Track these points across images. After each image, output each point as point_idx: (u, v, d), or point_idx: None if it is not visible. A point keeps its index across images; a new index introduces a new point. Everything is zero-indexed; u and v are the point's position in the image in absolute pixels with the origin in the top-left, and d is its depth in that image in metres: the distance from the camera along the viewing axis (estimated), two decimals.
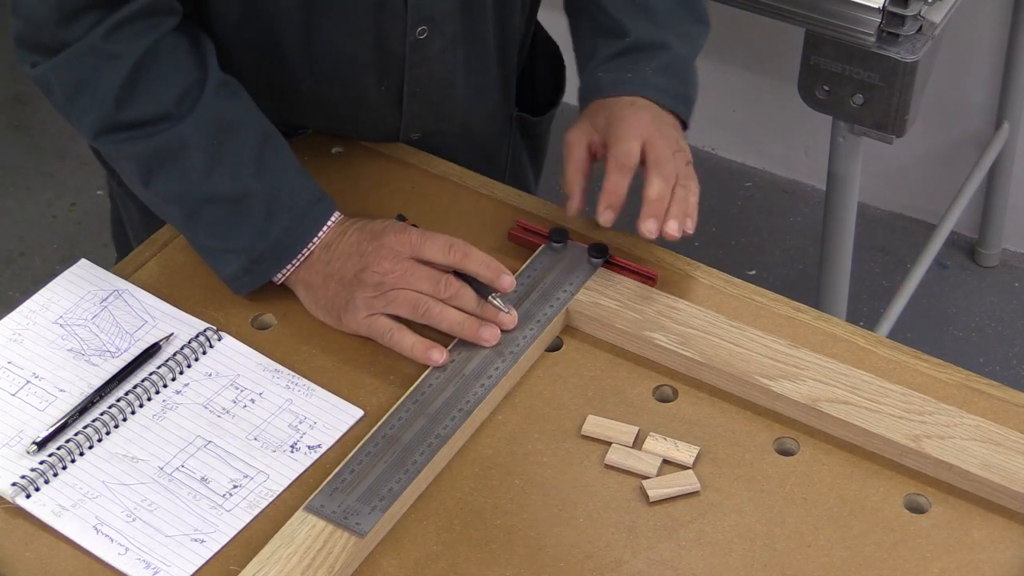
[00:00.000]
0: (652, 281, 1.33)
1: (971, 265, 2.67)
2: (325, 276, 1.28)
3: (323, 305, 1.29)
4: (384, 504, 1.15)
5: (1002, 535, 1.15)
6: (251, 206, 1.29)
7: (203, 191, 1.29)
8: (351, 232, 1.30)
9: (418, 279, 1.26)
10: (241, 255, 1.29)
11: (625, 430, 1.22)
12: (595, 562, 1.13)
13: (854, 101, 1.83)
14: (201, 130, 1.27)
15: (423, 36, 1.38)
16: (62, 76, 1.27)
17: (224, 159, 1.28)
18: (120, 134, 1.28)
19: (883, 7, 1.75)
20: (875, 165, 2.54)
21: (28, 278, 2.67)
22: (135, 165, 1.29)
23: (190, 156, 1.27)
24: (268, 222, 1.29)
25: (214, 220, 1.30)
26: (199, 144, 1.27)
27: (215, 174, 1.28)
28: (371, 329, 1.27)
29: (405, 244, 1.27)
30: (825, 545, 1.14)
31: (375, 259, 1.27)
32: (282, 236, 1.29)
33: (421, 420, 1.21)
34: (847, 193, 1.99)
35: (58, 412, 1.23)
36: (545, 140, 1.66)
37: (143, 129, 1.27)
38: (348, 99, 1.42)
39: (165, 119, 1.27)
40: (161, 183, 1.29)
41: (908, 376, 1.26)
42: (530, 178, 1.67)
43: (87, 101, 1.27)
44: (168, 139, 1.27)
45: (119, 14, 1.24)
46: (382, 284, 1.26)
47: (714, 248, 2.70)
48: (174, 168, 1.28)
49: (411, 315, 1.26)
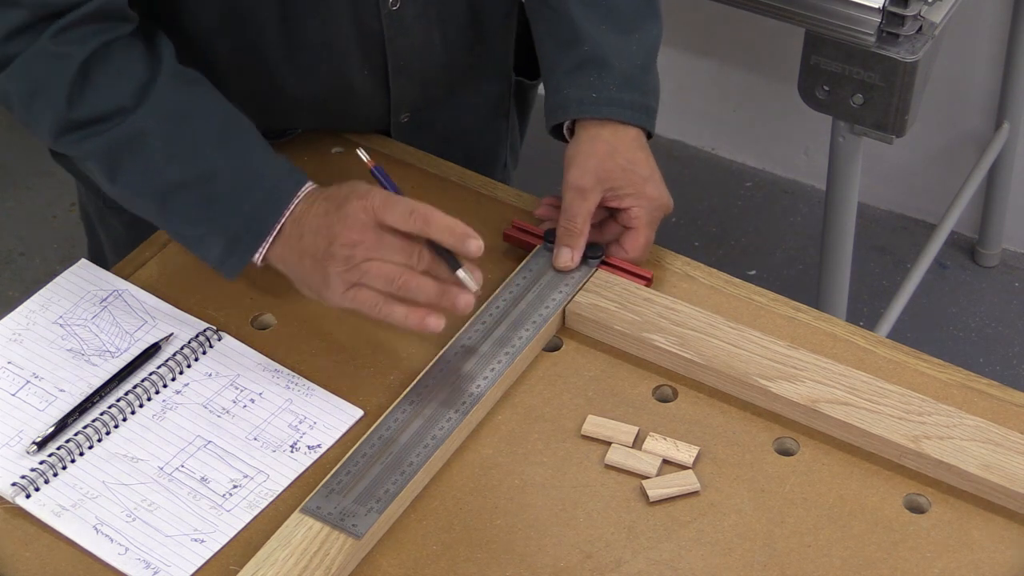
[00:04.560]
0: (647, 281, 1.33)
1: (971, 265, 2.67)
2: (299, 253, 1.24)
3: (304, 283, 1.25)
4: (381, 506, 1.15)
5: (1002, 535, 1.15)
6: (218, 185, 1.25)
7: (168, 178, 1.25)
8: (318, 203, 1.25)
9: (389, 250, 1.21)
10: (219, 237, 1.26)
11: (625, 430, 1.22)
12: (595, 562, 1.13)
13: (854, 101, 1.83)
14: (158, 118, 1.25)
15: (396, 7, 1.38)
16: (16, 84, 1.25)
17: (184, 143, 1.26)
18: (76, 133, 1.26)
19: (883, 7, 1.75)
20: (875, 165, 2.54)
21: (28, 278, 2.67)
22: (98, 163, 1.27)
23: (149, 144, 1.25)
24: (238, 199, 1.25)
25: (185, 206, 1.26)
26: (157, 132, 1.25)
27: (177, 159, 1.25)
28: (356, 303, 1.22)
29: (367, 211, 1.21)
30: (825, 545, 1.14)
31: (341, 230, 1.21)
32: (254, 211, 1.25)
33: (417, 421, 1.21)
34: (847, 193, 1.99)
35: (58, 412, 1.23)
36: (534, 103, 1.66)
37: (98, 126, 1.25)
38: (334, 90, 1.42)
39: (119, 113, 1.25)
40: (126, 177, 1.27)
41: (908, 376, 1.26)
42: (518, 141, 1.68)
43: (42, 104, 1.25)
44: (125, 131, 1.24)
45: (65, 19, 1.23)
46: (352, 257, 1.21)
47: (714, 248, 2.70)
48: (136, 159, 1.25)
49: (386, 287, 1.21)
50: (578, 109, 1.36)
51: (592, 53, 1.36)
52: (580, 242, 1.32)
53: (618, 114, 1.35)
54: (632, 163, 1.34)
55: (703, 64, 2.78)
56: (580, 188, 1.32)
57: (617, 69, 1.36)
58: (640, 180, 1.33)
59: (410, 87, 1.46)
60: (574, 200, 1.32)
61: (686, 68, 2.76)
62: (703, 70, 2.78)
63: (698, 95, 2.81)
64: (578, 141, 1.35)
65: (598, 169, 1.32)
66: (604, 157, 1.33)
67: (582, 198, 1.32)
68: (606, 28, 1.37)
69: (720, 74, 2.78)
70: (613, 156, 1.33)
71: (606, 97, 1.35)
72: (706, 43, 2.73)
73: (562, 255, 1.33)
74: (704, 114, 2.85)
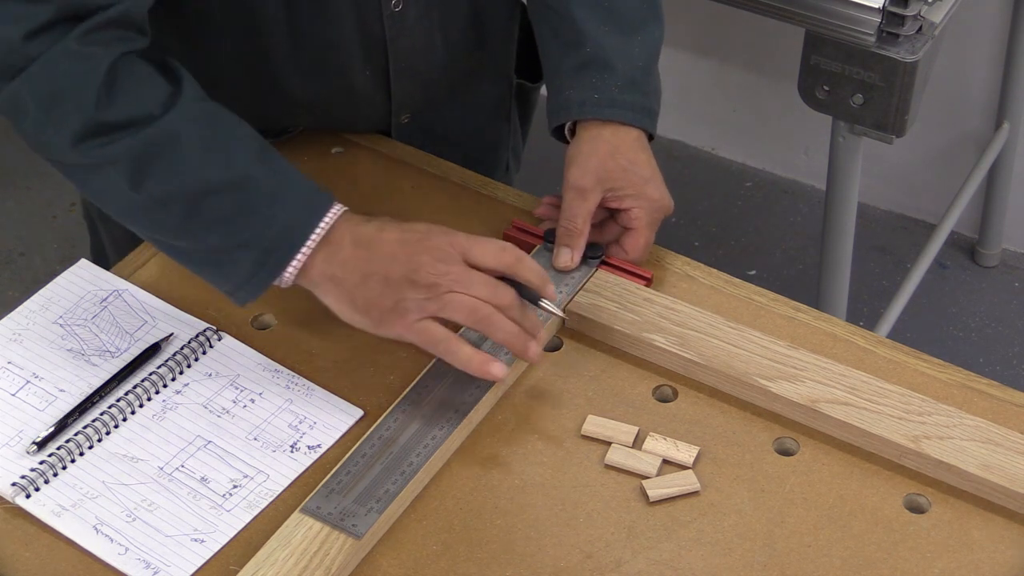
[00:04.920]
0: (647, 281, 1.33)
1: (971, 265, 2.67)
2: (364, 274, 1.21)
3: (360, 305, 1.22)
4: (380, 506, 1.15)
5: (1002, 535, 1.15)
6: (254, 191, 1.21)
7: (201, 182, 1.20)
8: (388, 231, 1.22)
9: (475, 283, 1.20)
10: (251, 248, 1.21)
11: (625, 430, 1.22)
12: (595, 562, 1.13)
13: (854, 101, 1.83)
14: (191, 120, 1.21)
15: (399, 8, 1.38)
16: (35, 87, 1.19)
17: (218, 147, 1.22)
18: (103, 137, 1.20)
19: (883, 7, 1.75)
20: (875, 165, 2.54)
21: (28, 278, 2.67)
22: (123, 168, 1.21)
23: (183, 146, 1.20)
24: (274, 206, 1.21)
25: (217, 213, 1.21)
26: (191, 133, 1.20)
27: (212, 162, 1.21)
28: (422, 335, 1.21)
29: (454, 246, 1.21)
30: (825, 545, 1.14)
31: (428, 259, 1.19)
32: (291, 221, 1.21)
33: (417, 422, 1.21)
34: (847, 193, 1.99)
35: (58, 412, 1.23)
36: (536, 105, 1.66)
37: (128, 129, 1.20)
38: (335, 90, 1.42)
39: (149, 118, 1.20)
40: (154, 182, 1.20)
41: (908, 376, 1.26)
42: (521, 144, 1.68)
43: (66, 106, 1.19)
44: (157, 132, 1.20)
45: (90, 22, 1.19)
46: (437, 286, 1.19)
47: (714, 248, 2.70)
48: (167, 162, 1.20)
49: (466, 320, 1.20)
50: (580, 110, 1.36)
51: (594, 54, 1.36)
52: (580, 242, 1.33)
53: (620, 115, 1.35)
54: (633, 164, 1.34)
55: (703, 64, 2.78)
56: (580, 188, 1.32)
57: (619, 70, 1.36)
58: (641, 181, 1.33)
59: (411, 88, 1.46)
60: (574, 200, 1.32)
61: (686, 68, 2.76)
62: (703, 70, 2.78)
63: (698, 95, 2.81)
64: (579, 141, 1.35)
65: (599, 169, 1.32)
66: (605, 157, 1.33)
67: (582, 198, 1.32)
68: (609, 30, 1.37)
69: (720, 74, 2.78)
70: (614, 156, 1.33)
71: (608, 98, 1.35)
72: (706, 43, 2.73)
73: (562, 255, 1.33)
74: (704, 114, 2.85)
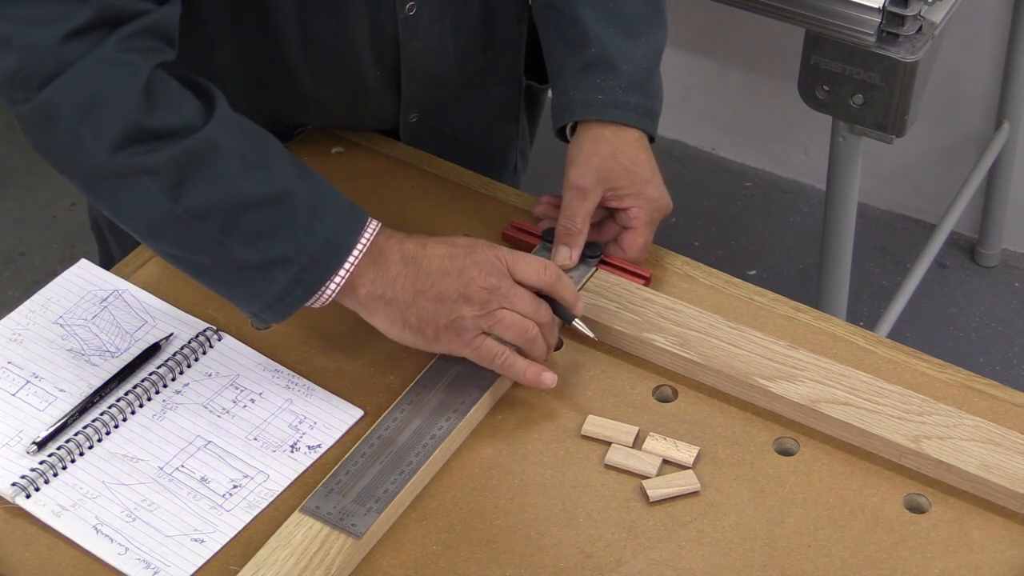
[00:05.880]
0: (646, 281, 1.33)
1: (971, 265, 2.67)
2: (415, 292, 1.20)
3: (413, 324, 1.21)
4: (380, 505, 1.15)
5: (1002, 535, 1.15)
6: (294, 206, 1.19)
7: (241, 195, 1.18)
8: (434, 244, 1.22)
9: (522, 300, 1.21)
10: (290, 264, 1.19)
11: (625, 430, 1.22)
12: (595, 562, 1.13)
13: (854, 101, 1.83)
14: (229, 133, 1.19)
15: (412, 12, 1.38)
16: (72, 92, 1.16)
17: (258, 159, 1.20)
18: (145, 144, 1.16)
19: (883, 7, 1.75)
20: (875, 165, 2.54)
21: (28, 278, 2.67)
22: (163, 178, 1.17)
23: (223, 158, 1.18)
24: (314, 221, 1.19)
25: (255, 227, 1.18)
26: (230, 146, 1.18)
27: (252, 175, 1.19)
28: (480, 352, 1.21)
29: (502, 260, 1.22)
30: (825, 545, 1.14)
31: (479, 274, 1.20)
32: (331, 236, 1.19)
33: (416, 421, 1.21)
34: (847, 193, 1.99)
35: (58, 412, 1.23)
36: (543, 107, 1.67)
37: (168, 139, 1.17)
38: (347, 89, 1.43)
39: (190, 128, 1.18)
40: (194, 193, 1.17)
41: (908, 376, 1.26)
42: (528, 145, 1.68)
43: (106, 112, 1.16)
44: (198, 143, 1.17)
45: (127, 28, 1.17)
46: (489, 302, 1.20)
47: (714, 248, 2.70)
48: (207, 173, 1.17)
49: (515, 339, 1.21)
50: (584, 111, 1.36)
51: (599, 55, 1.36)
52: (579, 241, 1.33)
53: (623, 117, 1.35)
54: (634, 164, 1.34)
55: (703, 64, 2.78)
56: (581, 187, 1.32)
57: (624, 72, 1.36)
58: (641, 181, 1.33)
59: (421, 89, 1.46)
60: (574, 199, 1.32)
61: (686, 68, 2.76)
62: (703, 70, 2.78)
63: (698, 95, 2.81)
64: (580, 141, 1.35)
65: (600, 169, 1.33)
66: (606, 157, 1.33)
67: (582, 197, 1.32)
68: (613, 31, 1.37)
69: (720, 74, 2.78)
70: (615, 156, 1.33)
71: (612, 100, 1.35)
72: (706, 43, 2.73)
73: (560, 254, 1.33)
74: (704, 114, 2.85)
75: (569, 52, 1.39)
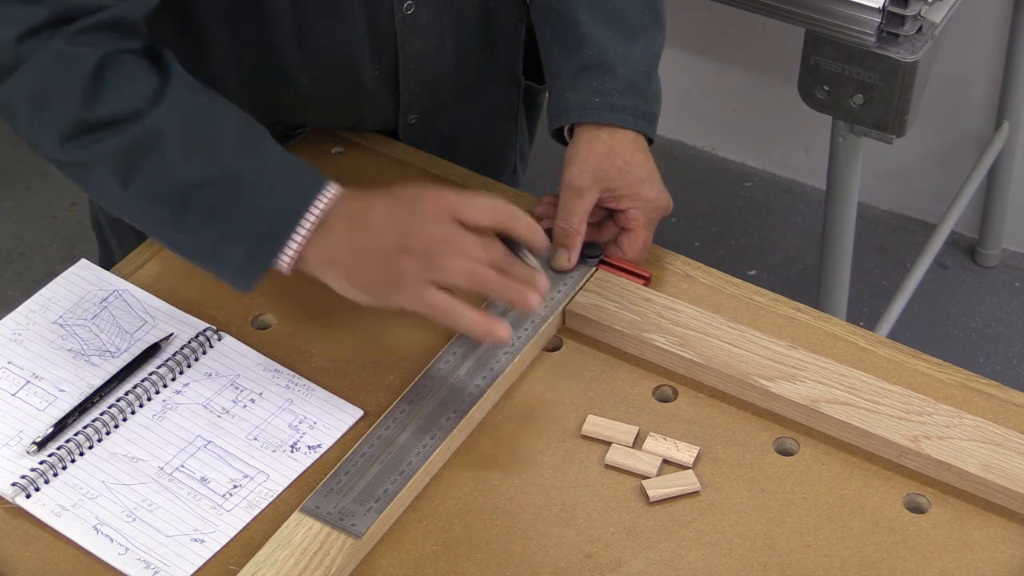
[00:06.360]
0: (646, 280, 1.33)
1: (971, 265, 2.67)
2: (358, 251, 1.20)
3: (360, 283, 1.20)
4: (380, 505, 1.15)
5: (1002, 535, 1.15)
6: (241, 184, 1.20)
7: (188, 177, 1.20)
8: (376, 202, 1.21)
9: (469, 244, 1.18)
10: (239, 241, 1.21)
11: (625, 430, 1.22)
12: (595, 562, 1.13)
13: (854, 101, 1.83)
14: (175, 117, 1.20)
15: (410, 11, 1.38)
16: (23, 88, 1.19)
17: (204, 141, 1.21)
18: (90, 135, 1.19)
19: (883, 7, 1.75)
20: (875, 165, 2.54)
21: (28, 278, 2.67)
22: (111, 167, 1.21)
23: (168, 143, 1.19)
24: (262, 198, 1.20)
25: (205, 206, 1.20)
26: (175, 130, 1.20)
27: (196, 158, 1.20)
28: (427, 304, 1.18)
29: (445, 207, 1.18)
30: (825, 545, 1.14)
31: (420, 225, 1.18)
32: (280, 210, 1.20)
33: (416, 421, 1.21)
34: (847, 193, 1.99)
35: (58, 412, 1.23)
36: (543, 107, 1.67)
37: (113, 127, 1.19)
38: (345, 89, 1.43)
39: (135, 115, 1.20)
40: (142, 180, 1.20)
41: (908, 376, 1.26)
42: (527, 146, 1.68)
43: (54, 106, 1.19)
44: (142, 131, 1.19)
45: (80, 23, 1.19)
46: (432, 253, 1.17)
47: (714, 248, 2.70)
48: (153, 160, 1.19)
49: (466, 283, 1.18)
50: (580, 113, 1.36)
51: (596, 57, 1.36)
52: (576, 241, 1.33)
53: (619, 120, 1.35)
54: (630, 164, 1.34)
55: (703, 64, 2.78)
56: (577, 187, 1.32)
57: (620, 74, 1.36)
58: (637, 181, 1.33)
59: (419, 89, 1.46)
60: (570, 199, 1.32)
61: (686, 68, 2.76)
62: (703, 70, 2.78)
63: (698, 95, 2.81)
64: (577, 142, 1.35)
65: (596, 169, 1.33)
66: (602, 158, 1.33)
67: (579, 197, 1.32)
68: (611, 34, 1.37)
69: (720, 74, 2.78)
70: (611, 157, 1.33)
71: (608, 102, 1.35)
72: (706, 43, 2.74)
73: (559, 255, 1.33)
74: (704, 114, 2.85)
75: (566, 54, 1.39)
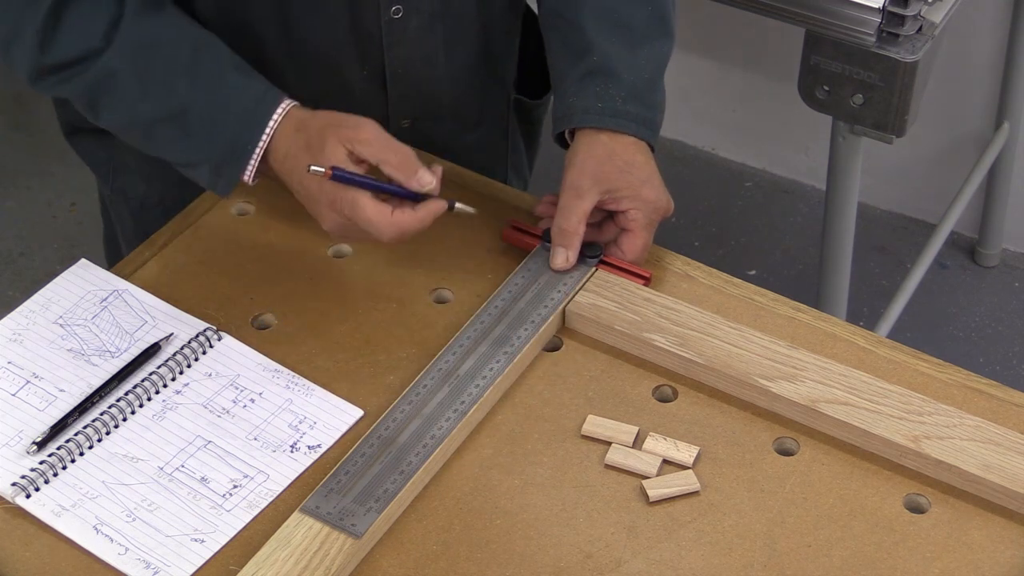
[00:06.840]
0: (646, 281, 1.33)
1: (971, 265, 2.67)
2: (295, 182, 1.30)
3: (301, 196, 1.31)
4: (380, 505, 1.15)
5: (1002, 535, 1.15)
6: (191, 119, 1.30)
7: (144, 114, 1.31)
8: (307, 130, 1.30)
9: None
10: (203, 165, 1.32)
11: (625, 430, 1.22)
12: (595, 562, 1.13)
13: (854, 101, 1.83)
14: (125, 56, 1.29)
15: (398, 16, 1.38)
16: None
17: (153, 79, 1.30)
18: (51, 77, 1.31)
19: (883, 7, 1.75)
20: (875, 165, 2.54)
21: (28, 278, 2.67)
22: (78, 104, 1.33)
23: (120, 84, 1.30)
24: (214, 131, 1.30)
25: (167, 138, 1.32)
26: (126, 70, 1.29)
27: (148, 97, 1.30)
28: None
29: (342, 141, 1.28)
30: (825, 545, 1.14)
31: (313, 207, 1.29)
32: (233, 141, 1.30)
33: (416, 421, 1.21)
34: (847, 193, 1.99)
35: (58, 412, 1.23)
36: (541, 124, 1.67)
37: (71, 69, 1.30)
38: (333, 90, 1.43)
39: (90, 55, 1.29)
40: (106, 114, 1.32)
41: (908, 376, 1.26)
42: (525, 163, 1.68)
43: (17, 49, 1.30)
44: (95, 73, 1.29)
45: None
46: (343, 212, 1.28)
47: (714, 248, 2.70)
48: (111, 99, 1.31)
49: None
50: (582, 118, 1.36)
51: (600, 64, 1.37)
52: (575, 242, 1.33)
53: (622, 126, 1.35)
54: (630, 165, 1.34)
55: (703, 64, 2.78)
56: (576, 188, 1.32)
57: (624, 81, 1.36)
58: (637, 183, 1.33)
59: (409, 94, 1.46)
60: (570, 199, 1.32)
61: (686, 68, 2.76)
62: (703, 70, 2.78)
63: (698, 95, 2.81)
64: (577, 144, 1.35)
65: (596, 171, 1.33)
66: (602, 159, 1.33)
67: (578, 197, 1.32)
68: (617, 41, 1.38)
69: (720, 74, 2.78)
70: (611, 159, 1.33)
71: (611, 108, 1.35)
72: (706, 43, 2.74)
73: (557, 255, 1.33)
74: (704, 114, 2.85)
75: (571, 60, 1.39)
